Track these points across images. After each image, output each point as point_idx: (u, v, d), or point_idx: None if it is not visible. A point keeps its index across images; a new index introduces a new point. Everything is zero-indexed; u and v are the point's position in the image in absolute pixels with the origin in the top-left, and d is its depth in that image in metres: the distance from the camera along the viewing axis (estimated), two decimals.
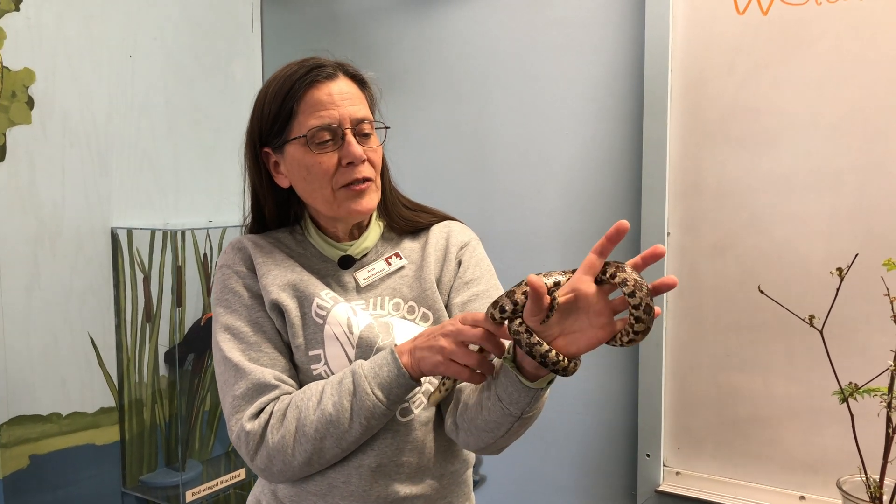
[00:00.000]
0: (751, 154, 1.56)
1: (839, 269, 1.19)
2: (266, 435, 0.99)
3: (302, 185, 1.07)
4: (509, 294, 0.86)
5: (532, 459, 1.87)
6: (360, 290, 1.10)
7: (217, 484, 1.92)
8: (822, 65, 1.48)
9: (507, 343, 0.90)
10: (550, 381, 0.90)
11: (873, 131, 1.44)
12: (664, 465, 1.69)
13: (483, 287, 1.11)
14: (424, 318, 1.07)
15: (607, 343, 0.85)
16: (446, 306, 1.10)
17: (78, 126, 1.76)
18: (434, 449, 1.07)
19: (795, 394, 1.54)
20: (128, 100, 1.87)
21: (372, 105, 1.11)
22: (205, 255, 2.04)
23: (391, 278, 1.10)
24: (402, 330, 1.05)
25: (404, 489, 1.03)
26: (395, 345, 0.99)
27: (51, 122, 1.70)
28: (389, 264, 1.11)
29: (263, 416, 1.00)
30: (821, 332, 1.22)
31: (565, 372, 0.85)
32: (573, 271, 0.85)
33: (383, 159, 1.12)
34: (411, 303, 1.08)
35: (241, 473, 1.99)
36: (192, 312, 2.01)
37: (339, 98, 1.04)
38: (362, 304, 1.08)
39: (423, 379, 0.99)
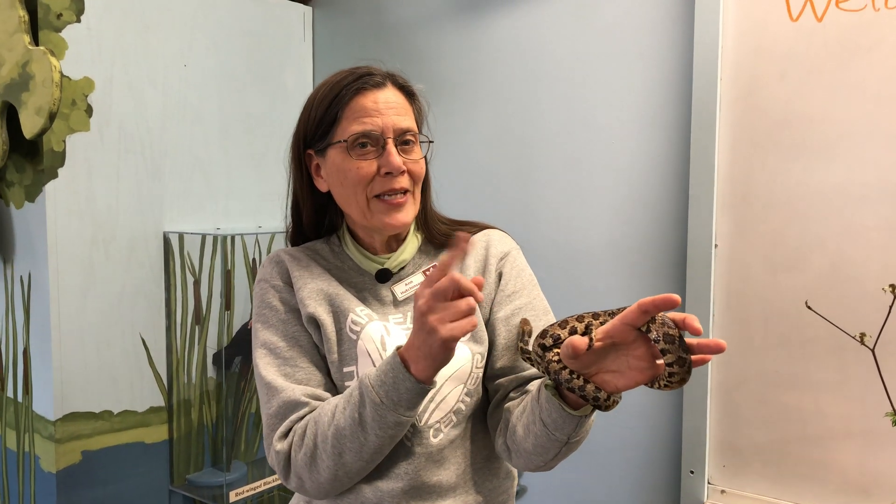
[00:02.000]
0: (803, 164, 1.51)
1: (892, 286, 1.14)
2: (291, 455, 0.99)
3: (339, 191, 1.07)
4: (555, 326, 0.86)
5: (574, 472, 1.84)
6: (397, 303, 1.09)
7: (260, 485, 1.95)
8: (880, 72, 1.42)
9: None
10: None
11: None
12: (709, 483, 1.65)
13: (525, 299, 1.09)
14: None
15: (646, 385, 0.83)
16: (487, 321, 1.08)
17: (133, 133, 1.82)
18: (470, 465, 1.06)
19: (847, 413, 1.48)
20: (181, 107, 1.92)
21: (419, 118, 1.11)
22: (254, 259, 2.08)
23: None
24: None
25: None
26: (398, 346, 0.95)
27: (108, 130, 1.77)
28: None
29: (291, 435, 1.00)
30: (872, 350, 1.18)
31: (604, 407, 0.84)
32: (619, 310, 0.83)
33: (427, 174, 1.11)
34: None
35: None
36: (241, 316, 2.05)
37: (385, 106, 1.03)
38: (399, 318, 1.07)
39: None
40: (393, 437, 0.95)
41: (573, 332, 0.88)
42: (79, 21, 1.70)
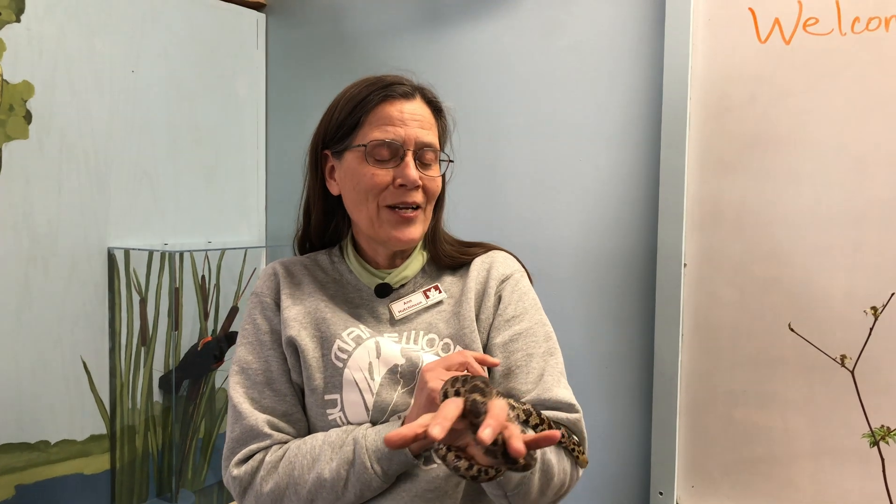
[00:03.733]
0: (772, 186, 1.52)
1: (874, 308, 1.15)
2: (255, 483, 0.97)
3: (350, 195, 1.03)
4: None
5: None
6: (394, 322, 1.05)
7: None
8: (847, 96, 1.45)
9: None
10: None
11: None
12: None
13: (526, 325, 1.05)
14: None
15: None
16: (486, 346, 1.04)
17: (76, 142, 1.70)
18: (461, 494, 1.01)
19: (815, 433, 1.49)
20: (128, 116, 1.81)
21: (442, 135, 1.09)
22: (203, 277, 1.98)
23: (428, 312, 1.05)
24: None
25: None
26: (401, 415, 0.95)
27: (48, 138, 1.64)
28: (427, 297, 1.06)
29: (251, 463, 0.98)
30: (852, 372, 1.18)
31: (468, 477, 0.76)
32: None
33: (443, 193, 1.10)
34: (447, 340, 1.02)
35: None
36: (189, 336, 1.94)
37: (410, 118, 1.01)
38: (395, 337, 1.03)
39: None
40: (368, 497, 0.94)
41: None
42: (18, 21, 1.58)
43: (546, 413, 0.96)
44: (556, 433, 0.72)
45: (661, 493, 1.64)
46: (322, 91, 2.13)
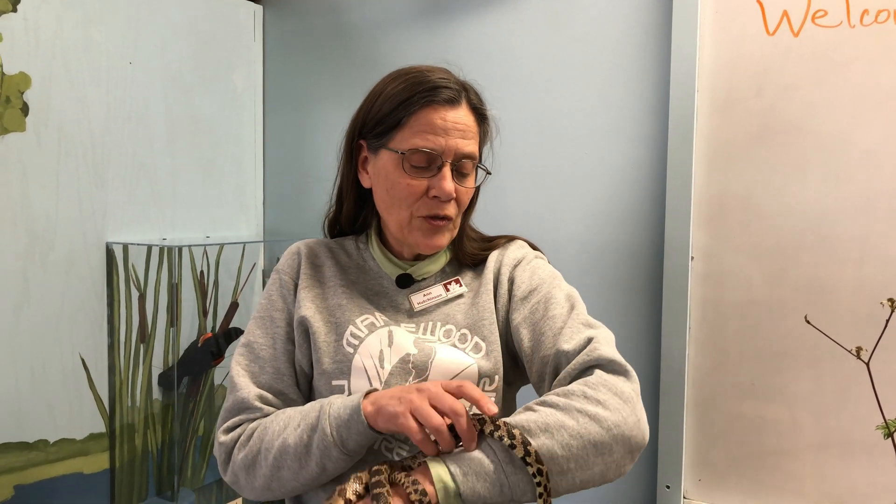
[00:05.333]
0: (779, 178, 1.52)
1: (891, 300, 1.15)
2: (233, 453, 0.97)
3: (382, 196, 1.02)
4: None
5: None
6: (412, 313, 1.04)
7: None
8: (855, 88, 1.45)
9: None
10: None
11: None
12: (684, 498, 1.64)
13: (544, 292, 1.01)
14: (476, 348, 1.00)
15: None
16: (505, 332, 1.03)
17: (74, 135, 1.67)
18: None
19: (822, 426, 1.50)
20: (126, 108, 1.78)
21: (483, 141, 1.06)
22: (201, 272, 1.95)
23: (447, 305, 1.04)
24: (445, 355, 0.98)
25: None
26: (377, 389, 0.92)
27: (46, 131, 1.61)
28: (448, 290, 1.05)
29: (236, 432, 0.98)
30: (867, 363, 1.18)
31: None
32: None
33: (475, 198, 1.09)
34: (464, 330, 1.01)
35: (238, 502, 1.89)
36: (188, 333, 1.91)
37: (453, 127, 0.98)
38: (412, 328, 1.02)
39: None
40: (331, 472, 0.92)
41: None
42: (14, 11, 1.54)
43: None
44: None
45: (667, 487, 1.64)
46: (320, 84, 2.11)
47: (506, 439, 0.81)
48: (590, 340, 0.93)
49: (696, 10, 1.56)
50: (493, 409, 0.82)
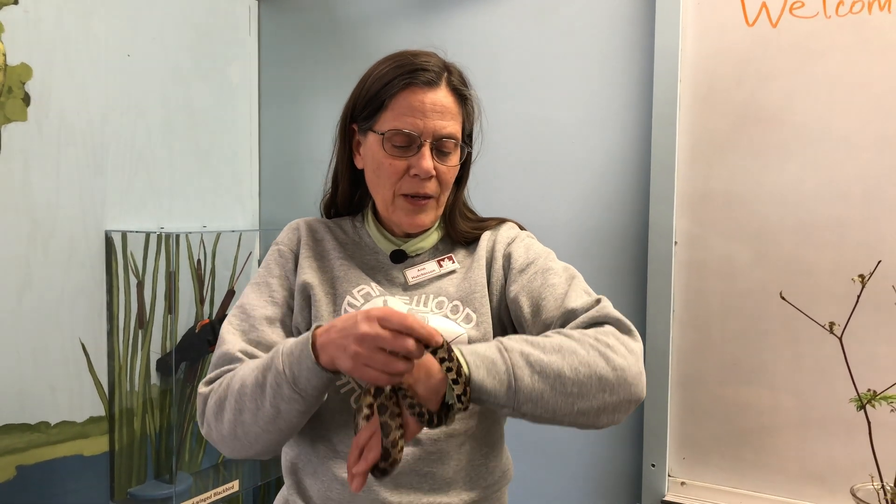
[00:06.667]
0: (760, 165, 1.57)
1: (861, 276, 1.20)
2: (208, 401, 0.97)
3: (370, 177, 1.07)
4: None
5: (534, 469, 1.85)
6: (406, 287, 1.08)
7: (211, 496, 1.86)
8: (832, 77, 1.50)
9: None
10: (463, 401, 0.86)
11: (882, 143, 1.46)
12: (669, 476, 1.69)
13: (541, 264, 1.06)
14: (467, 319, 1.04)
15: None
16: (502, 304, 1.07)
17: (74, 125, 1.71)
18: (468, 462, 1.04)
19: (803, 403, 1.55)
20: (125, 99, 1.82)
21: (466, 121, 1.09)
22: (198, 260, 1.99)
23: (440, 280, 1.08)
24: (437, 324, 1.02)
25: (430, 500, 1.01)
26: (318, 325, 0.90)
27: (46, 120, 1.65)
28: (441, 266, 1.09)
29: (215, 384, 0.98)
30: (840, 339, 1.23)
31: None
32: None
33: (466, 173, 1.13)
34: (456, 302, 1.06)
35: (234, 486, 1.94)
36: (185, 319, 1.96)
37: (431, 108, 1.02)
38: (406, 300, 1.06)
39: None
40: (286, 415, 0.90)
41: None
42: (16, 3, 1.58)
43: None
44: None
45: (653, 465, 1.69)
46: (313, 77, 2.15)
47: (446, 362, 0.84)
48: (598, 301, 1.00)
49: (679, 2, 1.61)
50: (439, 339, 0.83)
